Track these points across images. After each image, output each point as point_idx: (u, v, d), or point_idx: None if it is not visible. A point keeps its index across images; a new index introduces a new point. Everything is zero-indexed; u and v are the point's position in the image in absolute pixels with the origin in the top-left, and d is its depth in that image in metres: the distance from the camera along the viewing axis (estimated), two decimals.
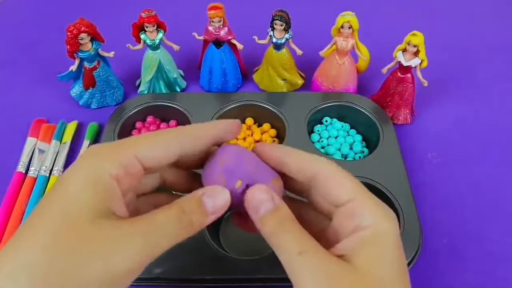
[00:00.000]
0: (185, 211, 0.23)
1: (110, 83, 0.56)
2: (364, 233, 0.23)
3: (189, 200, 0.24)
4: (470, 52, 0.67)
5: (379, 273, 0.22)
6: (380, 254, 0.22)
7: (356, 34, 0.52)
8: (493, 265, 0.43)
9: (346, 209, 0.24)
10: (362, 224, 0.23)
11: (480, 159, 0.52)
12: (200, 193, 0.24)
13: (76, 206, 0.21)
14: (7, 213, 0.45)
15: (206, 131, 0.26)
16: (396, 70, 0.52)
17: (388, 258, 0.23)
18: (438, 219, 0.46)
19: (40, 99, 0.59)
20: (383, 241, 0.23)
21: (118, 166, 0.22)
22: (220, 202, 0.24)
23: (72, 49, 0.51)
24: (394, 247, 0.23)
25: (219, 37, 0.54)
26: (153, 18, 0.52)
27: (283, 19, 0.51)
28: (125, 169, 0.22)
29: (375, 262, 0.22)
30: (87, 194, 0.21)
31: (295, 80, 0.59)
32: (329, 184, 0.25)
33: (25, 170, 0.49)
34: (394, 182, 0.45)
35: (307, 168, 0.25)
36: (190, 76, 0.61)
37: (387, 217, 0.24)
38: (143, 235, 0.21)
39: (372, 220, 0.23)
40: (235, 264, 0.39)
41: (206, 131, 0.26)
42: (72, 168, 0.22)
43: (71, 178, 0.22)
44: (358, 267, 0.22)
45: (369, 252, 0.22)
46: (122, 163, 0.22)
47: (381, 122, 0.51)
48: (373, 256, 0.22)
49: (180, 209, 0.23)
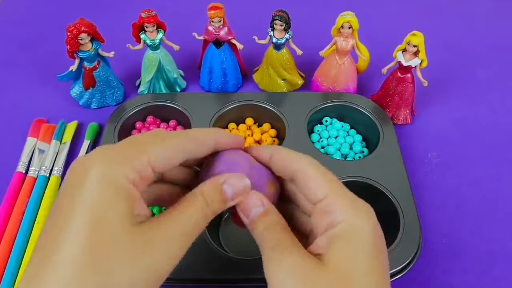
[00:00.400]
0: (208, 203, 0.24)
1: (110, 83, 0.56)
2: (336, 229, 0.23)
3: (211, 191, 0.25)
4: (470, 52, 0.67)
5: (348, 269, 0.22)
6: (352, 250, 0.23)
7: (356, 34, 0.52)
8: (493, 265, 0.43)
9: (321, 206, 0.25)
10: (334, 221, 0.24)
11: (480, 159, 0.52)
12: (221, 181, 0.25)
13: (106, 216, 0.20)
14: (7, 213, 0.45)
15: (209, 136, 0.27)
16: (396, 70, 0.52)
17: (359, 253, 0.23)
18: (438, 219, 0.46)
19: (40, 99, 0.59)
20: (355, 236, 0.23)
21: (134, 172, 0.22)
22: (239, 189, 0.25)
23: (72, 49, 0.51)
24: (368, 243, 0.23)
25: (219, 37, 0.54)
26: (153, 18, 0.52)
27: (283, 19, 0.51)
28: (139, 174, 0.23)
29: (346, 258, 0.22)
30: (114, 202, 0.21)
31: (295, 80, 0.59)
32: (307, 181, 0.26)
33: (25, 170, 0.49)
34: (394, 182, 0.45)
35: (288, 165, 0.26)
36: (190, 76, 0.61)
37: (360, 213, 0.24)
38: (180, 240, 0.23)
39: (344, 216, 0.24)
40: (235, 264, 0.39)
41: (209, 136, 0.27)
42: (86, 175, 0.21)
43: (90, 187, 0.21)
44: (329, 264, 0.22)
45: (340, 248, 0.23)
46: (137, 168, 0.22)
47: (381, 122, 0.51)
48: (344, 252, 0.23)
49: (204, 201, 0.24)
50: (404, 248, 0.40)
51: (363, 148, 0.52)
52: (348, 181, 0.45)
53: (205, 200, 0.24)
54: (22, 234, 0.43)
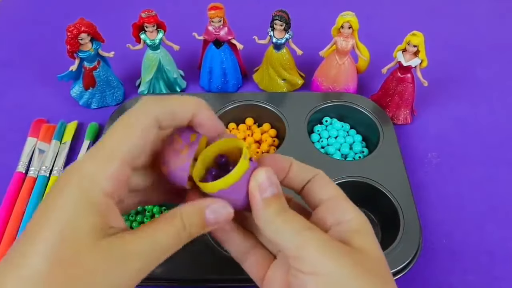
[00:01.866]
0: (186, 227, 0.23)
1: (110, 83, 0.56)
2: (351, 224, 0.25)
3: (191, 214, 0.24)
4: (470, 52, 0.67)
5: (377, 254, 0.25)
6: (371, 240, 0.25)
7: (356, 34, 0.52)
8: (493, 265, 0.43)
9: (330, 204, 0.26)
10: (345, 217, 0.25)
11: (480, 159, 0.52)
12: (203, 206, 0.24)
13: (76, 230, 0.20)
14: (7, 213, 0.45)
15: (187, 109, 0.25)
16: (396, 70, 0.52)
17: (375, 242, 0.25)
18: (438, 219, 0.46)
19: (40, 99, 0.59)
20: (368, 230, 0.26)
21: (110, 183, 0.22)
22: (222, 217, 0.24)
23: (72, 49, 0.51)
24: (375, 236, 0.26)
25: (219, 37, 0.54)
26: (153, 18, 0.52)
27: (283, 19, 0.51)
28: (117, 181, 0.22)
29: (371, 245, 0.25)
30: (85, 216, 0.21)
31: (295, 80, 0.59)
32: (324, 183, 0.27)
33: (25, 170, 0.49)
34: (394, 182, 0.45)
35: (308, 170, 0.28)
36: (190, 76, 0.61)
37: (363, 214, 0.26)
38: (145, 256, 0.22)
39: (354, 215, 0.26)
40: (235, 264, 0.39)
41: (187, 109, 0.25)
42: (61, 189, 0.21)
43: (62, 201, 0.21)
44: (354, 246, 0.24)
45: (361, 238, 0.25)
46: (113, 176, 0.22)
47: (381, 122, 0.51)
48: (366, 241, 0.25)
49: (181, 224, 0.23)
50: (404, 248, 0.40)
51: (363, 148, 0.52)
52: (348, 181, 0.45)
53: (183, 223, 0.23)
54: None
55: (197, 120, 0.25)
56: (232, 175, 0.24)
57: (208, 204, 0.24)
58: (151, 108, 0.23)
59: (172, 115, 0.24)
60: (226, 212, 0.24)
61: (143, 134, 0.23)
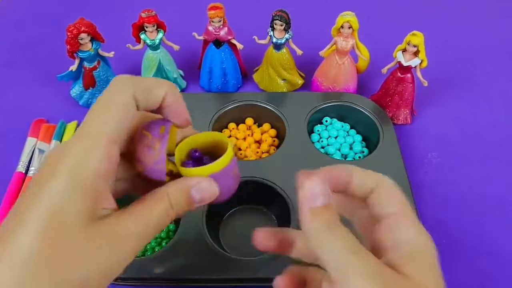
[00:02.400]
0: (173, 206, 0.24)
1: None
2: (408, 247, 0.23)
3: (177, 193, 0.24)
4: (470, 52, 0.67)
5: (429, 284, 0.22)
6: (427, 267, 0.23)
7: (356, 34, 0.52)
8: (493, 265, 0.43)
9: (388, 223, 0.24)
10: (403, 239, 0.24)
11: (480, 159, 0.52)
12: (189, 185, 0.24)
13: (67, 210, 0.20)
14: (7, 213, 0.45)
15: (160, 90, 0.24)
16: (396, 70, 0.52)
17: (433, 272, 0.23)
18: (438, 219, 0.46)
19: (40, 99, 0.59)
20: (429, 255, 0.23)
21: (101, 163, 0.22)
22: (207, 195, 0.25)
23: (72, 49, 0.51)
24: (437, 263, 0.23)
25: (219, 37, 0.54)
26: (153, 18, 0.52)
27: (283, 19, 0.51)
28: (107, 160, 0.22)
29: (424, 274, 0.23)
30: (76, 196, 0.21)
31: (295, 80, 0.59)
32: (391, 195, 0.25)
33: (25, 170, 0.49)
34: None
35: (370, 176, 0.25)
36: (190, 76, 0.61)
37: (427, 235, 0.24)
38: (137, 237, 0.22)
39: (414, 236, 0.24)
40: (235, 264, 0.39)
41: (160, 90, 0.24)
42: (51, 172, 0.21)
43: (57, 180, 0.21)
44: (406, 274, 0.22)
45: (418, 264, 0.23)
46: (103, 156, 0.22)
47: (381, 122, 0.51)
48: (421, 269, 0.23)
49: (169, 204, 0.24)
50: None
51: (363, 148, 0.52)
52: None
53: (170, 202, 0.24)
54: None
55: (169, 99, 0.24)
56: (223, 159, 0.24)
57: (194, 183, 0.25)
58: (127, 86, 0.23)
59: (147, 93, 0.24)
60: (211, 190, 0.25)
61: (124, 109, 0.23)
